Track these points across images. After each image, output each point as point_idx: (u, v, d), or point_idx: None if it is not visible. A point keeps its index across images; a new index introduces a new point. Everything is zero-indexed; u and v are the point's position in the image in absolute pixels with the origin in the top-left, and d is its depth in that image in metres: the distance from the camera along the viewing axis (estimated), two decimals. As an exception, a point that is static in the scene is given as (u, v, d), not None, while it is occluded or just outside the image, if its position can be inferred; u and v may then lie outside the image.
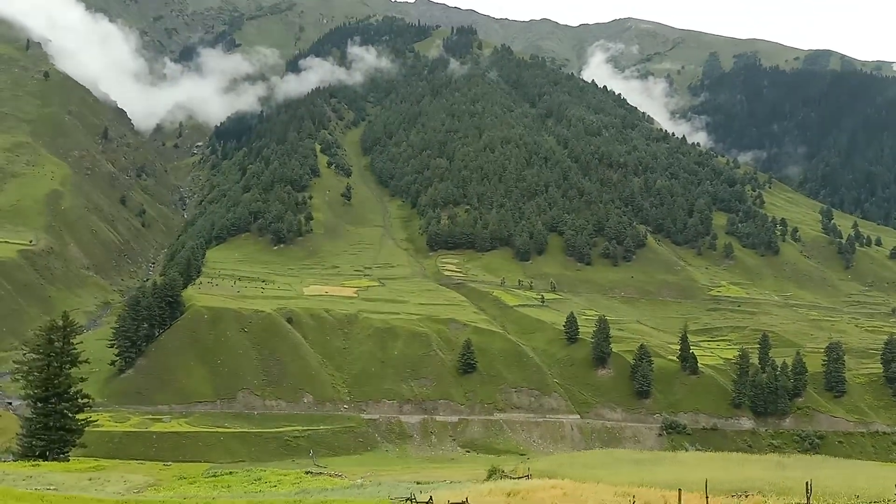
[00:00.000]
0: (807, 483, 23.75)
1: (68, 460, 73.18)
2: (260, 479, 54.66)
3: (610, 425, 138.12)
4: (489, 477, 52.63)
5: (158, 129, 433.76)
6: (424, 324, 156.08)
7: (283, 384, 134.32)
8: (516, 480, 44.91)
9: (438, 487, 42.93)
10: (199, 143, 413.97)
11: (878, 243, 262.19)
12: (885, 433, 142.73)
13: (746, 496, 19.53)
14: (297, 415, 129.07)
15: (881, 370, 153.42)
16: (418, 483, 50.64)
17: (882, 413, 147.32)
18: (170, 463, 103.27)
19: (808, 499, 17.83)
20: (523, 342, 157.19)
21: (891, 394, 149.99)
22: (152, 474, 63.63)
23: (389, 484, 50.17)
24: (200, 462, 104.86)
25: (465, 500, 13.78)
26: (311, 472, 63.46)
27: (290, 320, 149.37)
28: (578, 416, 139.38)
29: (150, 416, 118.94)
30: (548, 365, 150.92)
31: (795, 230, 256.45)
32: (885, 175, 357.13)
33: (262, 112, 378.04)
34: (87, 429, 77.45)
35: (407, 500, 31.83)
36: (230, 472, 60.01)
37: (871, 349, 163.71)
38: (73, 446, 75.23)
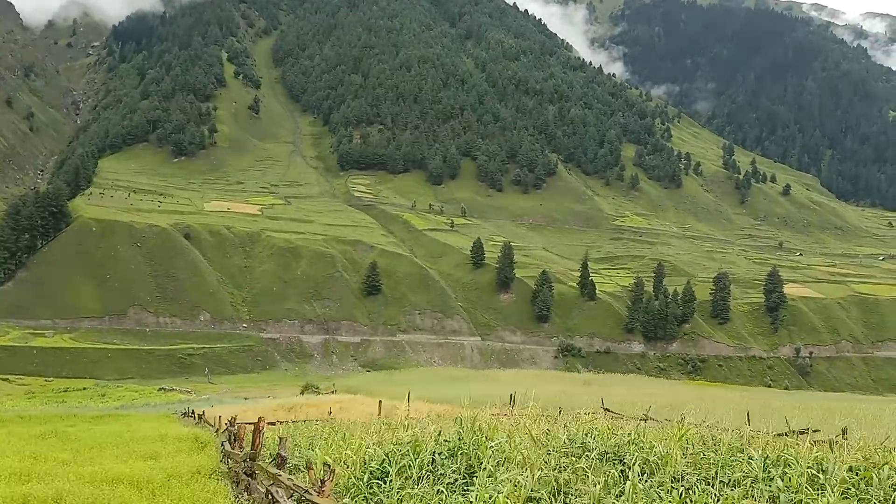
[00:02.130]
0: (511, 394, 25.71)
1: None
2: (104, 395, 53.14)
3: (509, 347, 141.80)
4: (302, 392, 54.90)
5: (50, 25, 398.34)
6: (330, 244, 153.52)
7: (179, 301, 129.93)
8: (319, 396, 47.20)
9: (247, 402, 44.22)
10: (96, 44, 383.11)
11: (773, 180, 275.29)
12: (760, 358, 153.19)
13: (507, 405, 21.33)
14: (193, 333, 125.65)
15: (763, 300, 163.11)
16: (246, 399, 51.24)
17: (760, 339, 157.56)
18: (51, 378, 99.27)
19: (512, 405, 20.18)
20: (430, 266, 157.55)
21: (769, 322, 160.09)
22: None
23: (216, 399, 50.60)
24: (85, 378, 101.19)
25: (259, 418, 12.49)
26: (164, 389, 62.84)
27: (187, 236, 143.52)
28: (479, 339, 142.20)
29: (32, 331, 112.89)
30: (453, 288, 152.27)
31: (698, 165, 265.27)
32: (785, 115, 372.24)
33: (164, 13, 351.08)
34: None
35: (183, 414, 34.12)
36: (83, 388, 57.96)
37: (757, 280, 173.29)
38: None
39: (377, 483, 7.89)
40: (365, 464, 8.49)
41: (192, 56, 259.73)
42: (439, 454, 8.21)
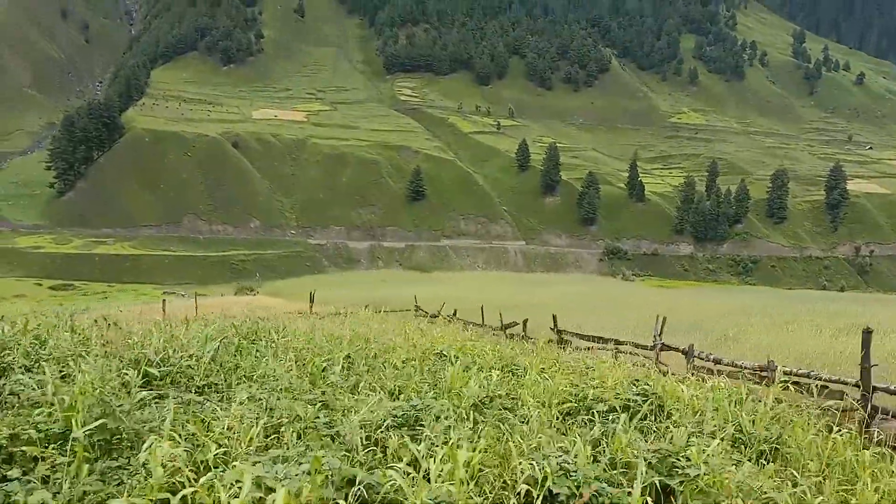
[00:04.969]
0: (310, 293, 27.52)
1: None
2: (106, 296, 57.45)
3: (553, 251, 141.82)
4: (236, 293, 60.11)
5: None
6: (375, 151, 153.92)
7: (230, 209, 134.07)
8: (250, 296, 49.59)
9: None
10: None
11: (847, 68, 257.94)
12: (817, 258, 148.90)
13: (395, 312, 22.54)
14: (244, 239, 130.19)
15: (824, 197, 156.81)
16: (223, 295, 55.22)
17: (819, 238, 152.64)
18: (114, 284, 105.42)
19: (311, 306, 21.31)
20: (475, 170, 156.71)
21: (829, 220, 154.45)
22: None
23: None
24: (145, 283, 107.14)
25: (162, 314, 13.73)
26: (167, 292, 67.40)
27: (236, 145, 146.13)
28: (524, 243, 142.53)
29: (94, 239, 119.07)
30: (497, 192, 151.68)
31: (764, 54, 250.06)
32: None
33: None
34: (29, 251, 77.19)
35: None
36: (102, 293, 62.90)
37: (820, 177, 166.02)
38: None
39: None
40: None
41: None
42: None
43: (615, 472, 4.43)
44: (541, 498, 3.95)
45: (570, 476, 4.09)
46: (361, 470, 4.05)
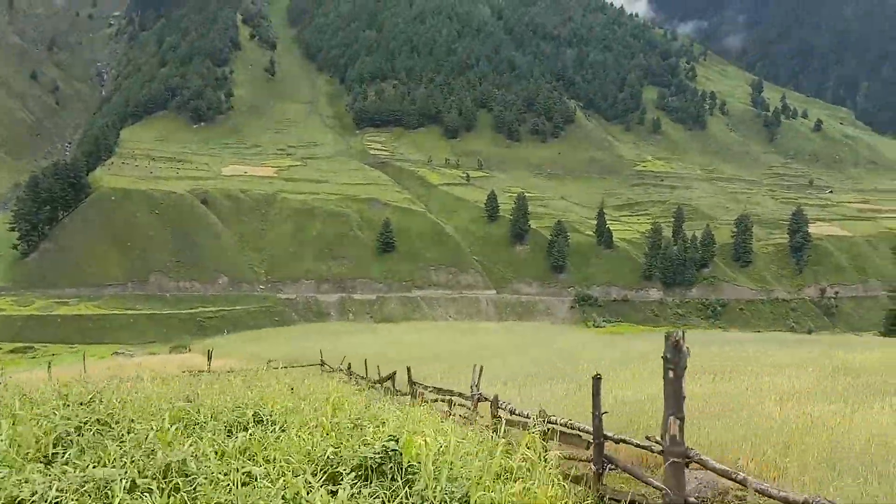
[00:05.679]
0: (209, 350, 28.45)
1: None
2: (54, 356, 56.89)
3: (525, 299, 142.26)
4: (170, 351, 60.96)
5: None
6: (345, 203, 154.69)
7: (198, 266, 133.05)
8: (184, 354, 49.96)
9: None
10: (117, 13, 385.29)
11: (805, 116, 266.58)
12: (784, 300, 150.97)
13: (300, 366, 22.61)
14: (212, 296, 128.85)
15: (787, 240, 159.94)
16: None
17: (784, 281, 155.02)
18: (75, 345, 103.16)
19: (209, 365, 22.54)
20: (444, 221, 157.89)
21: (794, 263, 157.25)
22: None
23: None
24: (109, 343, 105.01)
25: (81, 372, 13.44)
26: (118, 353, 66.23)
27: (205, 202, 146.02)
28: (495, 292, 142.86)
29: (56, 300, 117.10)
30: (468, 242, 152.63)
31: (724, 103, 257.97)
32: (820, 45, 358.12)
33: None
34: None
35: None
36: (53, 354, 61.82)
37: (782, 220, 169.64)
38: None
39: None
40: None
41: (207, 20, 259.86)
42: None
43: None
44: None
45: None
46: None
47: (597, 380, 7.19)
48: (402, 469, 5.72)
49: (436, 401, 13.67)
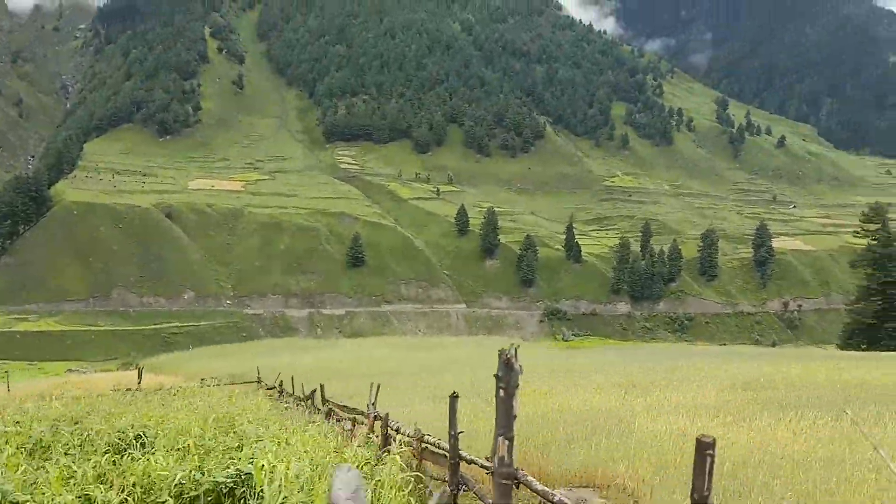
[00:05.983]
0: (139, 367, 28.68)
1: None
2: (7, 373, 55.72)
3: (494, 313, 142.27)
4: (117, 368, 62.05)
5: (37, 9, 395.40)
6: (314, 218, 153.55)
7: (163, 280, 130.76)
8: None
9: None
10: (82, 26, 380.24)
11: (769, 132, 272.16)
12: (748, 313, 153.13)
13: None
14: (177, 311, 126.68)
15: (752, 254, 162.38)
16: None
17: (749, 295, 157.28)
18: (35, 362, 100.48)
19: (139, 382, 22.13)
20: (414, 235, 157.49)
21: (758, 277, 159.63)
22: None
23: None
24: (70, 360, 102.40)
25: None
26: (71, 370, 64.51)
27: (170, 216, 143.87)
28: (465, 306, 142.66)
29: (16, 316, 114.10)
30: (438, 257, 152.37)
31: (690, 120, 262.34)
32: (785, 64, 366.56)
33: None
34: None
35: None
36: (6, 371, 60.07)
37: (747, 235, 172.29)
38: None
39: None
40: None
41: (174, 33, 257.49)
42: None
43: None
44: None
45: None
46: None
47: (453, 398, 7.07)
48: (254, 493, 5.46)
49: (341, 420, 13.71)
